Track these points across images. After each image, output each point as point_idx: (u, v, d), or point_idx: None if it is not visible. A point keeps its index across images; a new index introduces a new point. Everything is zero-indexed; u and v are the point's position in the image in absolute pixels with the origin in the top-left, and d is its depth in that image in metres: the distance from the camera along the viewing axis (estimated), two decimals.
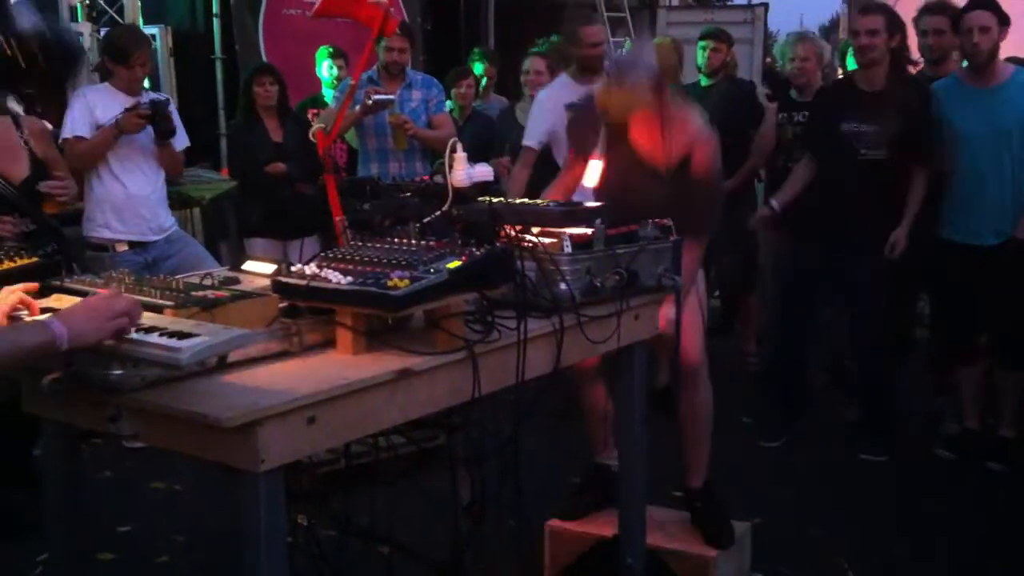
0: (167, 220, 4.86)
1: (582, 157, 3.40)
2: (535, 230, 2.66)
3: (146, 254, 4.71)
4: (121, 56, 4.70)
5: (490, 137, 6.09)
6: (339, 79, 6.62)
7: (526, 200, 3.10)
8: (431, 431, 3.51)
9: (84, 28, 6.56)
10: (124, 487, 4.46)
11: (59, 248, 3.54)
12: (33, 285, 2.16)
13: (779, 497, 4.39)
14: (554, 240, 2.60)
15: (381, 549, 3.06)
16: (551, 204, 2.87)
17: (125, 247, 4.67)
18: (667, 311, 2.98)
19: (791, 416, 5.22)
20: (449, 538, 3.00)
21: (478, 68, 7.19)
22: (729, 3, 16.07)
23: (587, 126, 3.44)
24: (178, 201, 5.18)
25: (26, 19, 3.91)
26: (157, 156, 4.78)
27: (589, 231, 2.66)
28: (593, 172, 3.26)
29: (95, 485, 4.33)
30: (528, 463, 2.58)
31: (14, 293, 2.08)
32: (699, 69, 6.25)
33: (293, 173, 5.76)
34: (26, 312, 2.09)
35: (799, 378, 5.29)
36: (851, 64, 5.79)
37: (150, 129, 4.64)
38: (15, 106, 4.39)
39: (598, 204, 2.84)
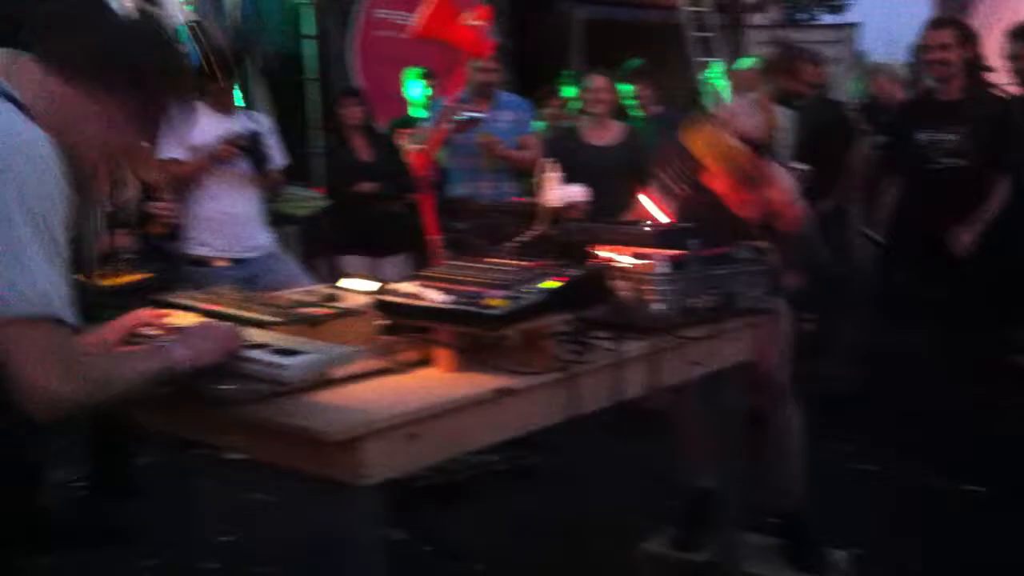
0: (264, 238, 4.96)
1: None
2: (630, 250, 2.67)
3: (243, 270, 4.80)
4: (208, 67, 4.83)
5: None
6: (429, 99, 6.71)
7: (620, 220, 3.11)
8: (525, 450, 3.53)
9: (183, 49, 6.75)
10: (224, 497, 4.54)
11: (165, 264, 3.65)
12: (142, 316, 2.22)
13: (875, 524, 4.30)
14: (649, 261, 2.61)
15: (476, 566, 3.08)
16: (646, 224, 2.88)
17: (223, 263, 4.78)
18: (759, 332, 2.96)
19: (883, 439, 5.11)
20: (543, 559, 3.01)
21: (566, 89, 7.22)
22: (819, 22, 15.88)
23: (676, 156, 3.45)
24: (275, 218, 5.28)
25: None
26: (254, 178, 4.88)
27: (684, 252, 2.66)
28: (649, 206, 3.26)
29: (195, 494, 4.42)
30: (619, 483, 2.58)
31: (138, 315, 2.16)
32: None
33: (383, 192, 5.86)
34: (150, 331, 2.15)
35: (892, 400, 5.18)
36: None
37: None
38: None
39: (693, 224, 2.84)
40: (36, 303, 1.56)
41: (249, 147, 4.69)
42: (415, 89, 6.83)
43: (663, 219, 3.25)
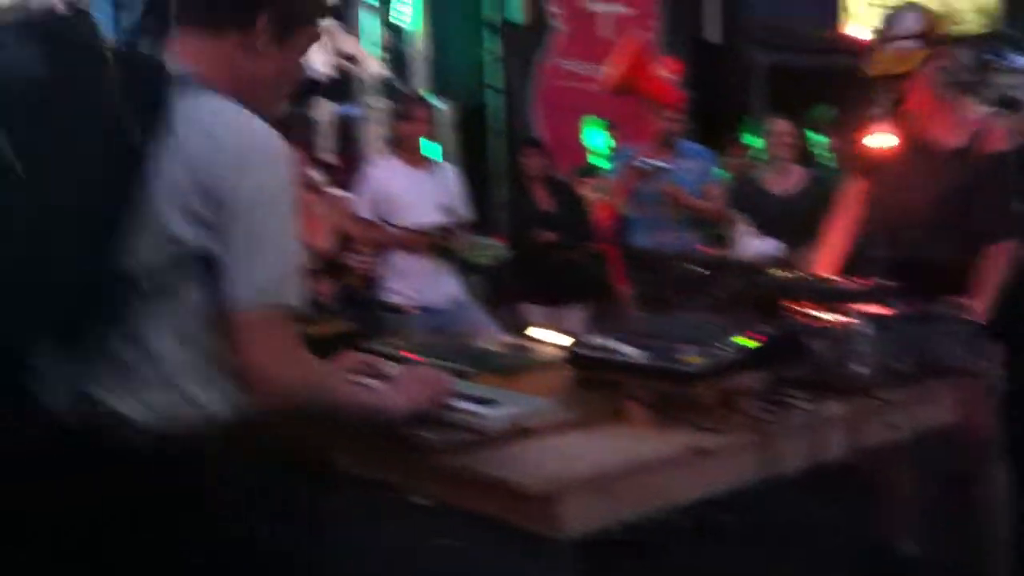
0: (453, 286, 5.09)
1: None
2: (827, 307, 2.60)
3: (433, 318, 4.92)
4: (403, 113, 5.03)
5: None
6: (611, 149, 6.76)
7: (816, 274, 3.03)
8: (714, 507, 3.46)
9: (378, 103, 7.04)
10: (410, 541, 4.61)
11: (361, 312, 3.78)
12: (362, 358, 2.30)
13: None
14: (848, 318, 2.53)
15: None
16: (844, 280, 2.80)
17: (416, 311, 4.92)
18: (964, 393, 2.82)
19: None
20: None
21: (749, 138, 7.14)
22: (1011, 66, 15.04)
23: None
24: (461, 267, 5.42)
25: None
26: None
27: (885, 309, 2.57)
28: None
29: (381, 536, 4.51)
30: (813, 545, 2.49)
31: (347, 360, 2.24)
32: None
33: (563, 241, 5.91)
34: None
35: None
36: None
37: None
38: (319, 178, 4.73)
39: (894, 283, 2.74)
40: (283, 295, 1.63)
41: (441, 244, 4.84)
42: (597, 138, 6.89)
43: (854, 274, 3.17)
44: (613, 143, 6.76)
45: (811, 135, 6.16)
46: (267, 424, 1.76)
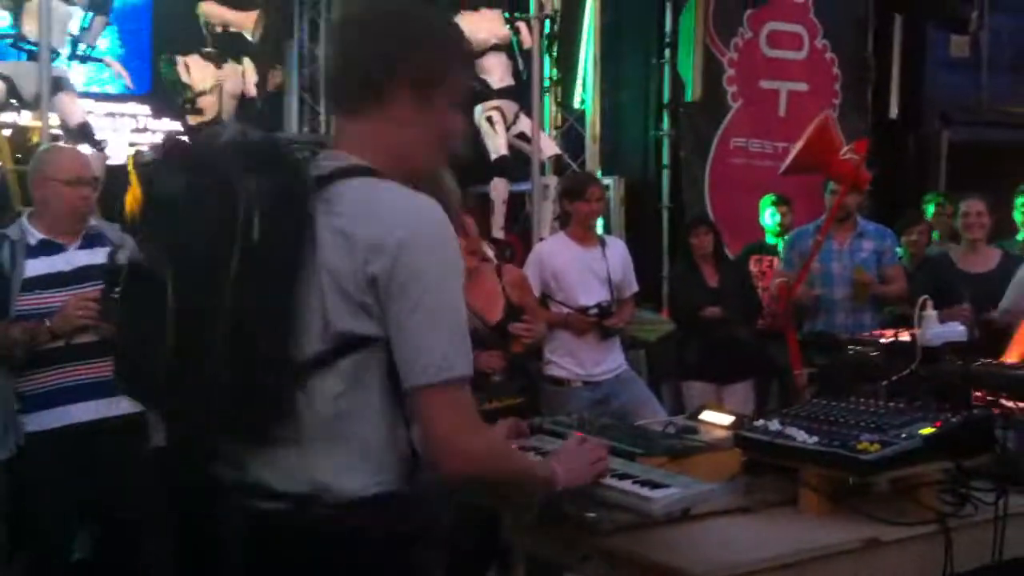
0: (617, 360, 5.09)
1: None
2: (1015, 395, 2.48)
3: (597, 392, 4.94)
4: (578, 192, 5.09)
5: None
6: (782, 226, 6.65)
7: (1004, 362, 2.90)
8: None
9: (550, 181, 7.17)
10: None
11: (527, 383, 3.81)
12: (522, 426, 2.35)
13: None
14: None
15: None
16: None
17: (579, 384, 4.94)
18: None
19: None
20: None
21: (931, 213, 6.91)
22: None
23: None
24: (627, 341, 5.42)
25: None
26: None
27: None
28: None
29: None
30: None
31: (509, 429, 2.28)
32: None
33: (728, 317, 5.83)
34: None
35: None
36: None
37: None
38: (490, 253, 4.82)
39: None
40: (457, 367, 1.65)
41: (599, 316, 4.86)
42: (769, 216, 6.81)
43: None
44: (781, 219, 6.66)
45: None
46: (439, 500, 1.79)
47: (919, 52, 9.81)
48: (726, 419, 2.79)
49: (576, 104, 8.24)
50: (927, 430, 2.13)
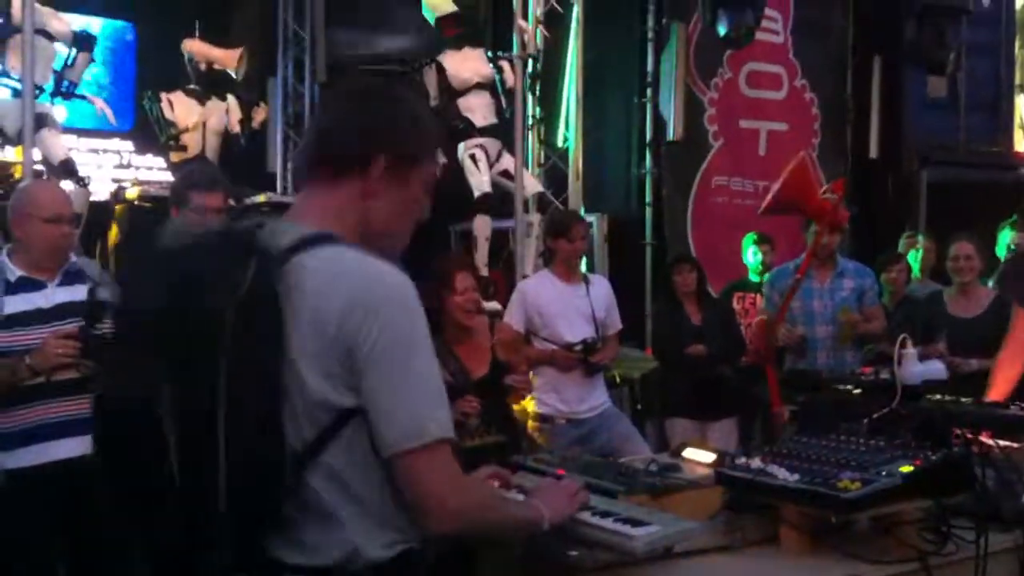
0: (601, 397, 5.09)
1: None
2: (996, 434, 2.49)
3: (580, 428, 4.93)
4: (562, 230, 5.10)
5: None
6: (764, 264, 6.69)
7: (983, 401, 2.91)
8: None
9: (534, 218, 7.20)
10: None
11: (511, 424, 3.80)
12: (505, 473, 2.34)
13: None
14: (1017, 446, 2.42)
15: None
16: (1015, 407, 2.68)
17: (563, 421, 4.93)
18: None
19: None
20: None
21: (911, 255, 6.96)
22: None
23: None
24: (611, 379, 5.43)
25: None
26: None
27: None
28: None
29: None
30: None
31: (493, 473, 2.28)
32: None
33: (712, 354, 5.85)
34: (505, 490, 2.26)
35: None
36: None
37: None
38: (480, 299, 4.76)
39: None
40: (434, 430, 1.67)
41: (583, 352, 4.87)
42: (751, 254, 6.85)
43: None
44: (763, 258, 6.71)
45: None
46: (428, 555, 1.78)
47: (898, 93, 9.94)
48: (708, 456, 2.80)
49: (559, 142, 8.32)
50: (907, 468, 2.14)
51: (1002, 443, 2.45)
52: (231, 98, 7.89)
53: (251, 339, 1.63)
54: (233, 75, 7.90)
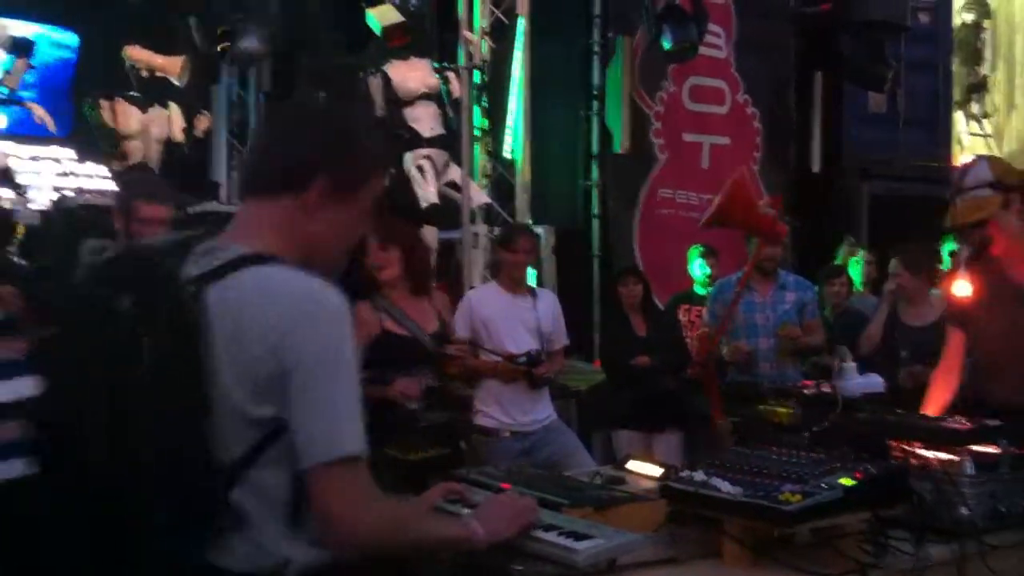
0: (545, 410, 5.08)
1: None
2: (934, 446, 2.53)
3: (525, 442, 4.92)
4: (506, 242, 5.11)
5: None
6: (710, 276, 6.75)
7: (921, 414, 2.96)
8: None
9: (480, 229, 7.21)
10: None
11: (458, 437, 3.79)
12: (450, 486, 2.33)
13: None
14: (955, 458, 2.46)
15: None
16: (951, 420, 2.73)
17: (507, 434, 4.91)
18: None
19: None
20: None
21: (852, 267, 7.07)
22: None
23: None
24: (557, 391, 5.43)
25: None
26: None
27: (994, 450, 2.49)
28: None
29: None
30: None
31: (442, 489, 2.27)
32: None
33: (657, 367, 5.89)
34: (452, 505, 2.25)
35: None
36: None
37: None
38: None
39: (1003, 423, 2.66)
40: (347, 446, 1.67)
41: (527, 370, 4.87)
42: (698, 267, 6.90)
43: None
44: (709, 271, 6.77)
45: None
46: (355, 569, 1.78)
47: (839, 108, 10.10)
48: (653, 469, 2.81)
49: (506, 153, 8.32)
50: (848, 481, 2.16)
51: (940, 455, 2.49)
52: (173, 106, 7.80)
53: (173, 362, 1.64)
54: (176, 82, 7.81)
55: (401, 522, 1.84)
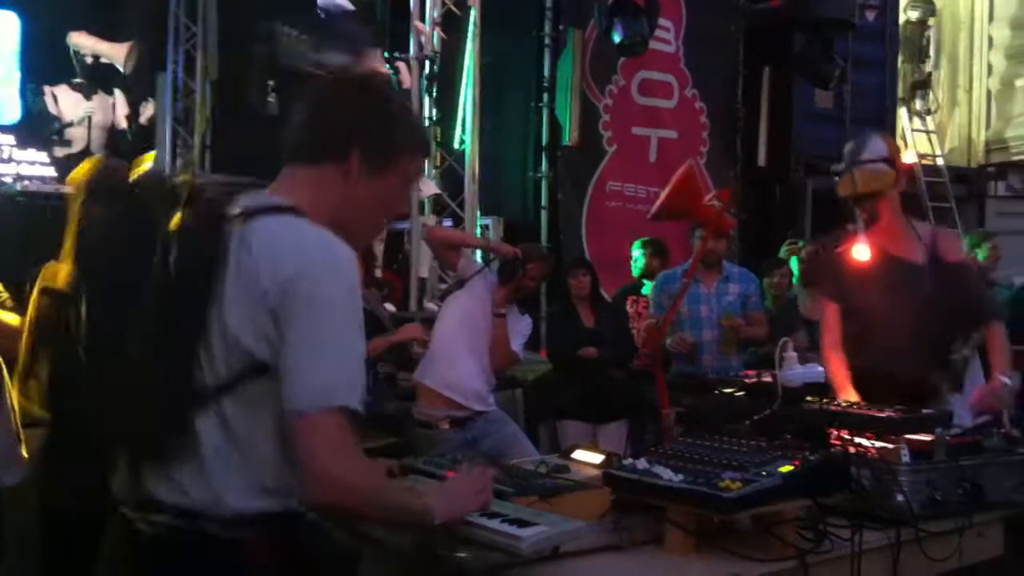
0: (488, 401, 5.07)
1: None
2: (872, 435, 2.58)
3: (466, 433, 4.88)
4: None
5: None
6: (655, 270, 6.79)
7: (860, 403, 3.02)
8: None
9: (430, 220, 7.20)
10: None
11: (401, 429, 3.79)
12: (392, 464, 2.35)
13: None
14: (892, 447, 2.51)
15: None
16: (888, 409, 2.78)
17: (447, 425, 4.88)
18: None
19: None
20: None
21: (794, 259, 7.17)
22: None
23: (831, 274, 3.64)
24: (504, 381, 5.42)
25: None
26: (489, 343, 5.00)
27: (929, 439, 2.55)
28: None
29: None
30: None
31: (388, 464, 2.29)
32: None
33: (604, 357, 5.92)
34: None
35: None
36: None
37: (485, 318, 4.91)
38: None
39: (937, 412, 2.72)
40: (339, 397, 1.70)
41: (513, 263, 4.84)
42: (643, 259, 6.94)
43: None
44: (656, 263, 6.81)
45: None
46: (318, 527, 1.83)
47: (786, 103, 10.21)
48: (597, 458, 2.84)
49: (456, 144, 8.30)
50: (787, 468, 2.20)
51: (877, 444, 2.54)
52: (118, 92, 7.68)
53: (186, 275, 1.73)
54: (121, 69, 7.69)
55: (377, 480, 1.90)
